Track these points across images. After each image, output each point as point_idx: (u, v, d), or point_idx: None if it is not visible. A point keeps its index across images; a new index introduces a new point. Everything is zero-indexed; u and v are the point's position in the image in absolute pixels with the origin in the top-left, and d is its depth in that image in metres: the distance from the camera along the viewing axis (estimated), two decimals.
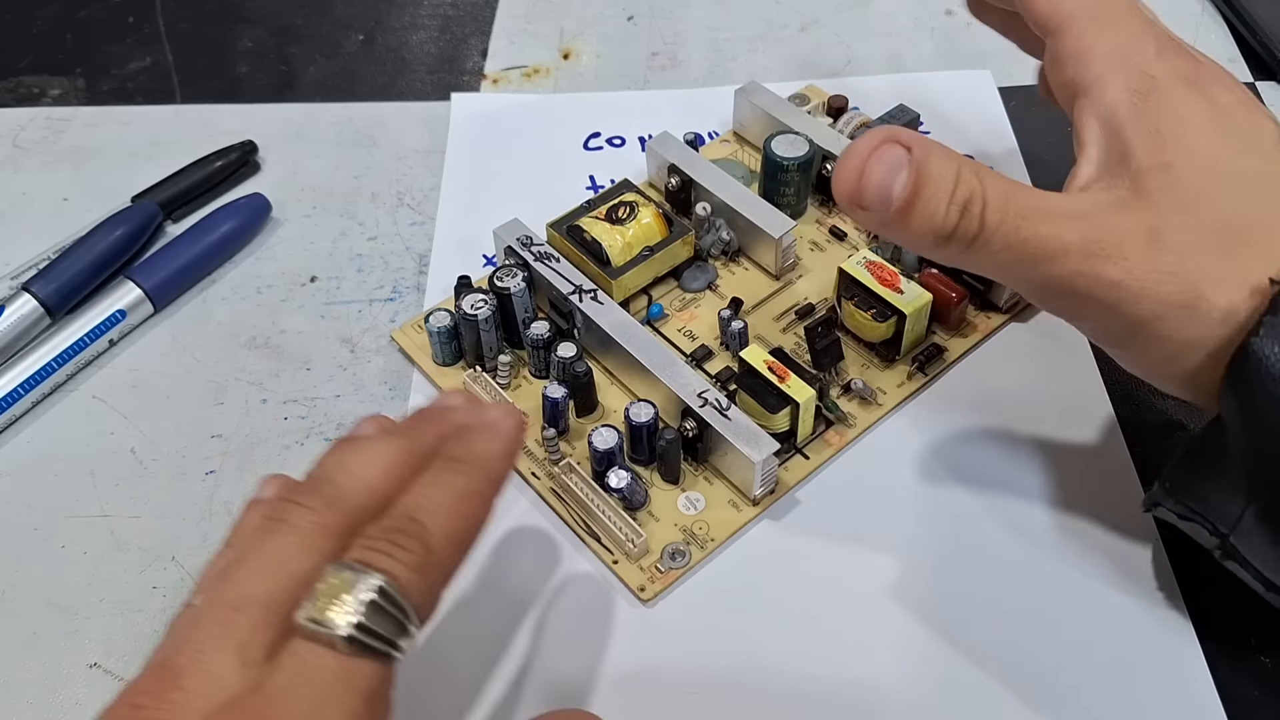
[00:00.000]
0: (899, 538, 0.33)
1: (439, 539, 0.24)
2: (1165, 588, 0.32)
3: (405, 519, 0.24)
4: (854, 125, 0.43)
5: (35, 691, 0.31)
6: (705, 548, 0.33)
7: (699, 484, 0.34)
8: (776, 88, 0.44)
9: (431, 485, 0.25)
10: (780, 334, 0.38)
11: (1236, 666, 0.30)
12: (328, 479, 0.25)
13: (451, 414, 0.27)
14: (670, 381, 0.34)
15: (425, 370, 0.37)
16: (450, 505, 0.24)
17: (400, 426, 0.27)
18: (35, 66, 0.51)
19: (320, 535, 0.23)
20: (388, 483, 0.25)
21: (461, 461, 0.25)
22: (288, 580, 0.23)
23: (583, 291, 0.36)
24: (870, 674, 0.30)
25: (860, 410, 0.36)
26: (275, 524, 0.24)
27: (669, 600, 0.32)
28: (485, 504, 0.26)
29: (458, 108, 0.48)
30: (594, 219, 0.38)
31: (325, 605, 0.22)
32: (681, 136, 0.42)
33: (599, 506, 0.32)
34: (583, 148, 0.46)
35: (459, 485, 0.25)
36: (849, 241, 0.40)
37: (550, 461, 0.34)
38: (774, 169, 0.40)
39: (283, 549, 0.23)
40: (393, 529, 0.24)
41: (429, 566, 0.23)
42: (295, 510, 0.24)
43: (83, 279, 0.40)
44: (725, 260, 0.40)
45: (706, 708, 0.30)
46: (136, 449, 0.37)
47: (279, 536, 0.24)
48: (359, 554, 0.23)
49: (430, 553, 0.23)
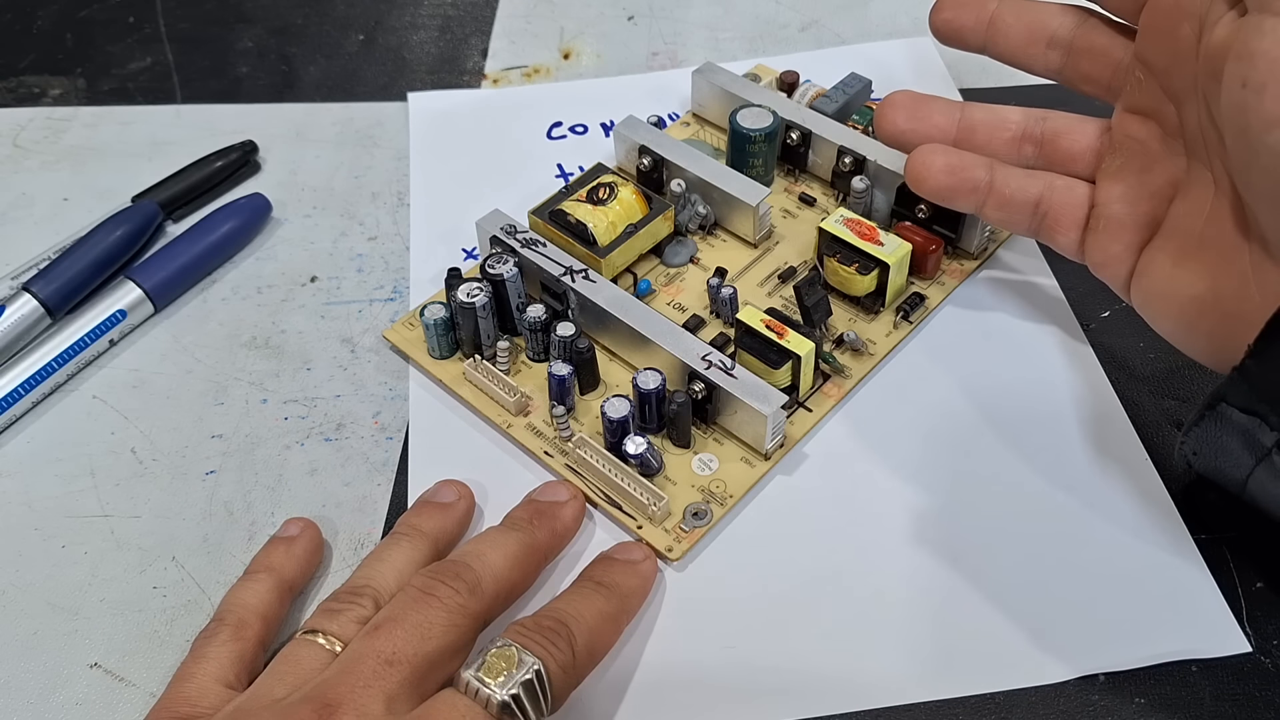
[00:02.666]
0: (905, 480, 0.34)
1: (581, 648, 0.28)
2: (1157, 500, 0.33)
3: (559, 623, 0.28)
4: (810, 96, 0.44)
5: (35, 691, 0.31)
6: (725, 504, 0.33)
7: (709, 445, 0.35)
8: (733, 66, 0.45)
9: (580, 601, 0.29)
10: (766, 298, 0.39)
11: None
12: (468, 566, 0.29)
13: (559, 508, 0.32)
14: (673, 348, 0.35)
15: (422, 365, 0.38)
16: (593, 622, 0.29)
17: (516, 520, 0.32)
18: (35, 66, 0.51)
19: (462, 615, 0.28)
20: (513, 574, 0.30)
21: (606, 588, 0.30)
22: (433, 648, 0.27)
23: (574, 272, 0.37)
24: (893, 613, 0.31)
25: (854, 361, 0.37)
26: (428, 598, 0.28)
27: (696, 561, 0.33)
28: (619, 629, 0.30)
29: (415, 106, 0.48)
30: (576, 202, 0.39)
31: (492, 671, 0.26)
32: (644, 119, 0.42)
33: (618, 475, 0.33)
34: (546, 137, 0.46)
35: (602, 607, 0.29)
36: (819, 206, 0.42)
37: (561, 439, 0.35)
38: (741, 141, 0.41)
39: (433, 620, 0.27)
40: (548, 628, 0.28)
41: (571, 668, 0.27)
42: (445, 590, 0.28)
43: (83, 279, 0.40)
44: (703, 234, 0.41)
45: (745, 660, 0.31)
46: (136, 449, 0.37)
47: (430, 610, 0.28)
48: (522, 640, 0.27)
49: (574, 657, 0.28)
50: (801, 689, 0.30)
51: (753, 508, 0.34)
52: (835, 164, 0.41)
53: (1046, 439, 0.35)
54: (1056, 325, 0.38)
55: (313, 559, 0.32)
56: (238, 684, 0.28)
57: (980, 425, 0.35)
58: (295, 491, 0.35)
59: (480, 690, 0.26)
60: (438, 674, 0.27)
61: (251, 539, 0.34)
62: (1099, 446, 0.35)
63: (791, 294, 0.38)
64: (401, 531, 0.32)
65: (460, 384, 0.37)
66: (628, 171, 0.43)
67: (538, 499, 0.33)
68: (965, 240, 0.39)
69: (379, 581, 0.30)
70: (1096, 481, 0.34)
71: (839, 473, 0.35)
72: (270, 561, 0.32)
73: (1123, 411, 0.36)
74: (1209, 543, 0.32)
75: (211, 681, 0.28)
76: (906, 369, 0.37)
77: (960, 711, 0.30)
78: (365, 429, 0.37)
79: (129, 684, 0.31)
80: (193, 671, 0.28)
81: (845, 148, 0.40)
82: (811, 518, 0.34)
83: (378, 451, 0.36)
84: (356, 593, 0.29)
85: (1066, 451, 0.35)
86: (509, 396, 0.35)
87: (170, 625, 0.32)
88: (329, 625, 0.28)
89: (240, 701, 0.27)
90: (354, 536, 0.34)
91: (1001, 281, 0.40)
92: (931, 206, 0.38)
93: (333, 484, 0.35)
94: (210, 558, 0.33)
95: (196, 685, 0.28)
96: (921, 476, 0.34)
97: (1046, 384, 0.36)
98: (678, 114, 0.47)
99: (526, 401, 0.36)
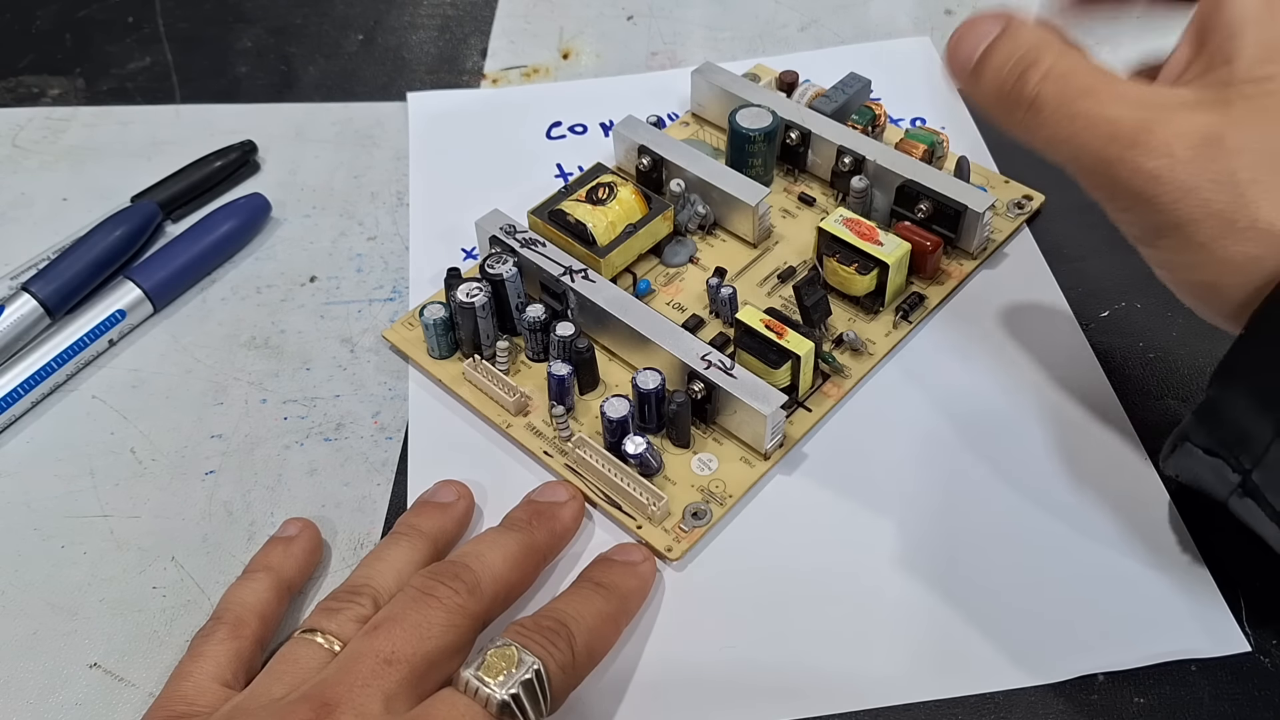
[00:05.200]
0: (904, 480, 0.34)
1: (581, 648, 0.28)
2: (1157, 500, 0.33)
3: (558, 623, 0.28)
4: (809, 96, 0.44)
5: (35, 691, 0.31)
6: (724, 504, 0.33)
7: (709, 445, 0.35)
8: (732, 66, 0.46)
9: (579, 601, 0.29)
10: (765, 298, 0.39)
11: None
12: (467, 566, 0.29)
13: (559, 509, 0.32)
14: (672, 348, 0.35)
15: (422, 365, 0.38)
16: (592, 623, 0.29)
17: (515, 520, 0.32)
18: (35, 66, 0.51)
19: (461, 615, 0.28)
20: (512, 574, 0.30)
21: (606, 589, 0.30)
22: (432, 648, 0.27)
23: (573, 272, 0.37)
24: (892, 612, 0.31)
25: (853, 361, 0.37)
26: (427, 598, 0.28)
27: (695, 561, 0.33)
28: (618, 630, 0.30)
29: (414, 106, 0.48)
30: (575, 202, 0.39)
31: (492, 670, 0.26)
32: (644, 119, 0.43)
33: (617, 475, 0.33)
34: (546, 137, 0.46)
35: (601, 608, 0.29)
36: (819, 206, 0.42)
37: (561, 439, 0.35)
38: (741, 141, 0.41)
39: (432, 620, 0.27)
40: (548, 629, 0.28)
41: (570, 668, 0.27)
42: (444, 590, 0.28)
43: (82, 279, 0.40)
44: (702, 234, 0.41)
45: (744, 660, 0.31)
46: (136, 449, 0.37)
47: (429, 610, 0.27)
48: (522, 640, 0.27)
49: (574, 657, 0.28)
50: (801, 689, 0.30)
51: (752, 508, 0.34)
52: (834, 164, 0.41)
53: (1046, 439, 0.35)
54: (1056, 325, 0.38)
55: (311, 559, 0.33)
56: (235, 683, 0.28)
57: (980, 425, 0.35)
58: (295, 491, 0.35)
59: (480, 689, 0.26)
60: (436, 674, 0.27)
61: (251, 539, 0.34)
62: (1099, 446, 0.35)
63: (791, 294, 0.38)
64: (401, 531, 0.32)
65: (460, 384, 0.37)
66: (627, 171, 0.43)
67: (537, 499, 0.33)
68: (965, 240, 0.39)
69: (378, 581, 0.30)
70: (1096, 481, 0.34)
71: (838, 472, 0.35)
72: (269, 561, 0.32)
73: (1123, 411, 0.35)
74: (1208, 542, 0.32)
75: (209, 680, 0.28)
76: (906, 369, 0.37)
77: (960, 711, 0.30)
78: (365, 429, 0.37)
79: (128, 684, 0.31)
80: (190, 670, 0.28)
81: (844, 147, 0.40)
82: (811, 517, 0.34)
83: (377, 451, 0.36)
84: (355, 592, 0.29)
85: (1066, 451, 0.35)
86: (508, 396, 0.35)
87: (170, 625, 0.32)
88: (328, 624, 0.28)
89: (238, 700, 0.27)
90: (353, 536, 0.34)
91: (1001, 281, 0.40)
92: (932, 206, 0.38)
93: (332, 484, 0.35)
94: (210, 558, 0.33)
95: (194, 684, 0.28)
96: (921, 476, 0.34)
97: (1046, 384, 0.36)
98: (677, 114, 0.47)
99: (526, 401, 0.36)
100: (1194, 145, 0.26)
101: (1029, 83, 0.28)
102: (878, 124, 0.42)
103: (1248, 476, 0.27)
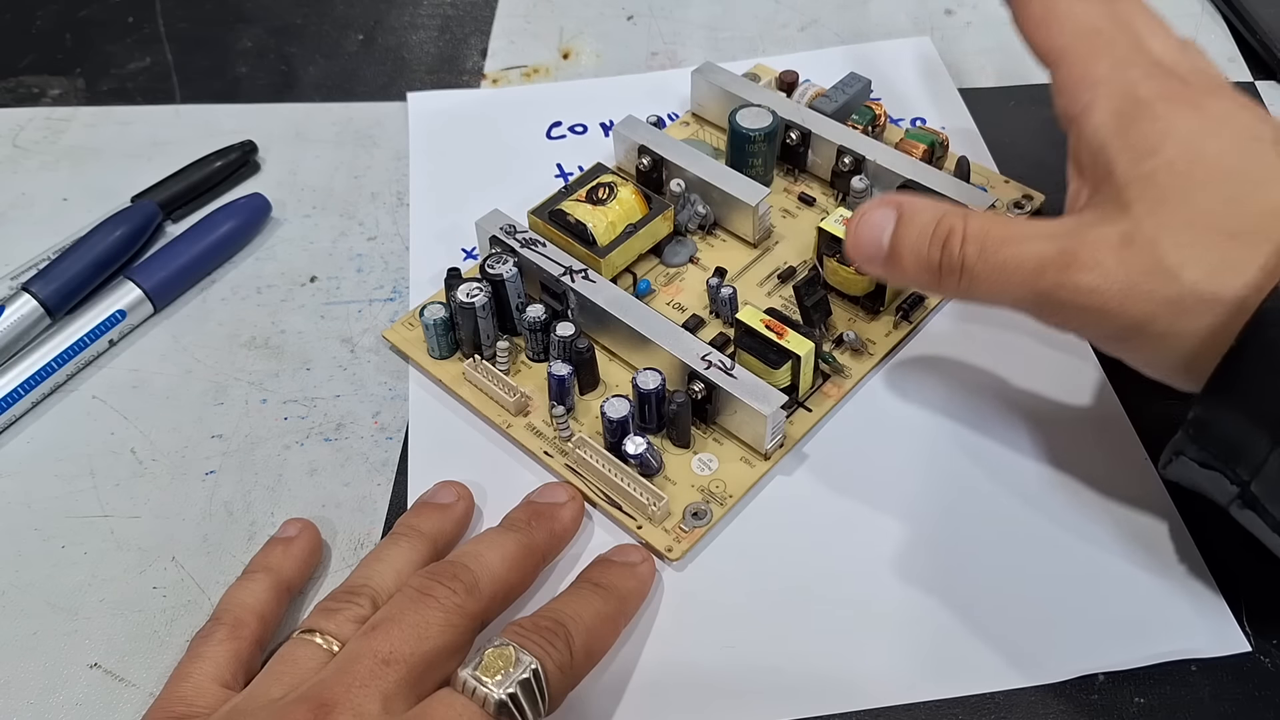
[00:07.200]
0: (904, 480, 0.34)
1: (579, 648, 0.28)
2: (1157, 500, 0.33)
3: (556, 623, 0.28)
4: (809, 96, 0.44)
5: (35, 691, 0.31)
6: (725, 504, 0.33)
7: (709, 445, 0.35)
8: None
9: (578, 601, 0.29)
10: (765, 298, 0.39)
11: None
12: (465, 567, 0.29)
13: (558, 510, 0.32)
14: (672, 348, 0.35)
15: (422, 365, 0.38)
16: (591, 623, 0.29)
17: (514, 521, 0.32)
18: (35, 66, 0.51)
19: (459, 616, 0.28)
20: (511, 575, 0.30)
21: (605, 589, 0.30)
22: (430, 648, 0.27)
23: (573, 272, 0.37)
24: (892, 612, 0.31)
25: (853, 361, 0.37)
26: (425, 598, 0.28)
27: (695, 561, 0.33)
28: (616, 631, 0.30)
29: (414, 106, 0.48)
30: (575, 202, 0.39)
31: (489, 670, 0.26)
32: (644, 119, 0.43)
33: (617, 475, 0.33)
34: (546, 137, 0.46)
35: (600, 608, 0.29)
36: (819, 206, 0.42)
37: (561, 439, 0.35)
38: (741, 141, 0.41)
39: (430, 621, 0.27)
40: (546, 629, 0.28)
41: (569, 668, 0.28)
42: (443, 590, 0.28)
43: (83, 279, 0.40)
44: (703, 234, 0.41)
45: (744, 660, 0.31)
46: (136, 449, 0.37)
47: (428, 610, 0.28)
48: (519, 640, 0.27)
49: (572, 657, 0.28)
50: (801, 689, 0.30)
51: (752, 508, 0.34)
52: (835, 164, 0.41)
53: (1046, 438, 0.35)
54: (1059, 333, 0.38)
55: (311, 559, 0.33)
56: (234, 683, 0.28)
57: (980, 425, 0.35)
58: (295, 491, 0.35)
59: (477, 689, 0.26)
60: (435, 674, 0.27)
61: (251, 539, 0.34)
62: (1099, 446, 0.35)
63: (791, 294, 0.38)
64: (400, 532, 0.32)
65: (460, 384, 0.37)
66: (627, 171, 0.42)
67: (536, 500, 0.33)
68: None
69: (377, 581, 0.30)
70: (1096, 481, 0.34)
71: (839, 473, 0.35)
72: (268, 561, 0.32)
73: (1123, 411, 0.35)
74: (1209, 542, 0.32)
75: (208, 681, 0.28)
76: (906, 369, 0.37)
77: (960, 711, 0.30)
78: (365, 429, 0.37)
79: (129, 684, 0.31)
80: (189, 671, 0.28)
81: (845, 147, 0.40)
82: (811, 517, 0.34)
83: (377, 451, 0.36)
84: (354, 592, 0.29)
85: (1066, 451, 0.35)
86: (509, 396, 0.35)
87: (170, 625, 0.32)
88: (326, 625, 0.28)
89: (237, 701, 0.27)
90: (353, 536, 0.34)
91: None
92: None
93: (332, 484, 0.35)
94: (210, 558, 0.33)
95: (193, 685, 0.28)
96: (921, 476, 0.34)
97: (1046, 384, 0.36)
98: (677, 114, 0.47)
99: (526, 401, 0.36)
100: (1116, 249, 0.27)
101: (953, 251, 0.29)
102: (878, 124, 0.42)
103: (1246, 488, 0.27)
